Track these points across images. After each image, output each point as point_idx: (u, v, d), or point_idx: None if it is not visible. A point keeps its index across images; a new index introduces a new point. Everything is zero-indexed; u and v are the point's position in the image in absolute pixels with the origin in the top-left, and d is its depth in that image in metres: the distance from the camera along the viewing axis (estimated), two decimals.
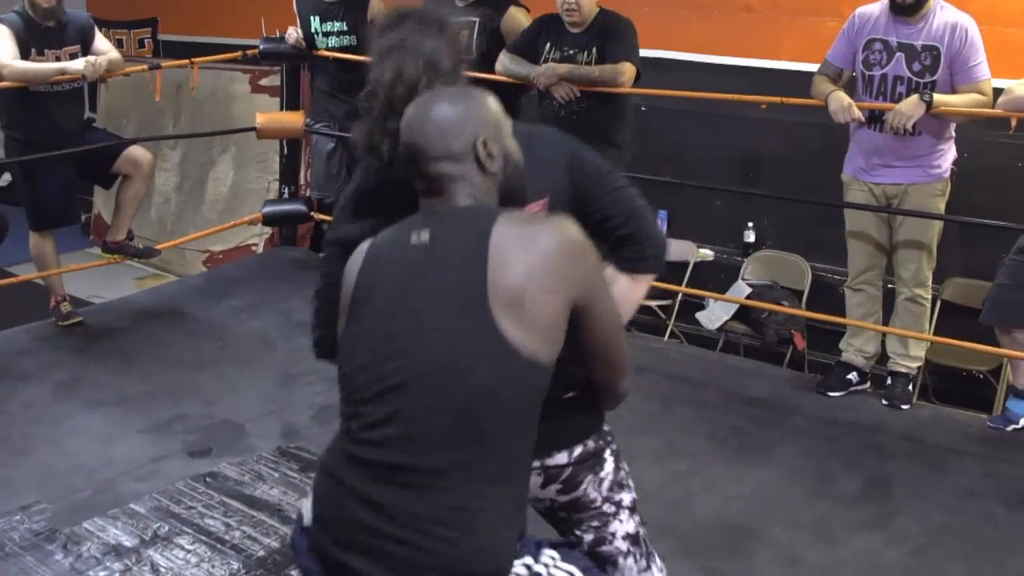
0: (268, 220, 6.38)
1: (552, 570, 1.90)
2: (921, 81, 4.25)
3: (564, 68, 4.82)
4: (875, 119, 4.37)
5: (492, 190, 1.98)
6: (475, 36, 5.26)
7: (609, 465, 2.32)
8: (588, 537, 2.32)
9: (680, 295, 6.37)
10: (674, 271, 6.63)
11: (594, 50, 4.83)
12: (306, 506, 1.99)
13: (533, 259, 1.81)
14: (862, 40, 4.38)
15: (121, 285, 7.77)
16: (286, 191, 6.72)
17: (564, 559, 1.94)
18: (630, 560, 2.34)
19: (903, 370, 4.58)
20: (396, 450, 1.80)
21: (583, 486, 2.28)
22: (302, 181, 7.25)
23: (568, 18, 4.85)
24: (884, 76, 4.33)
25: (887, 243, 4.54)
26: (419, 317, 1.84)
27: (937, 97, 4.17)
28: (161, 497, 3.71)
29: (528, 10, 5.30)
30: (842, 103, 4.31)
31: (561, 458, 2.24)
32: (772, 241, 6.53)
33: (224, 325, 5.47)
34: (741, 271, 6.41)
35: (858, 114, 4.30)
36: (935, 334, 4.93)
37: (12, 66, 4.84)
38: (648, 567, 2.38)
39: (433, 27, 2.19)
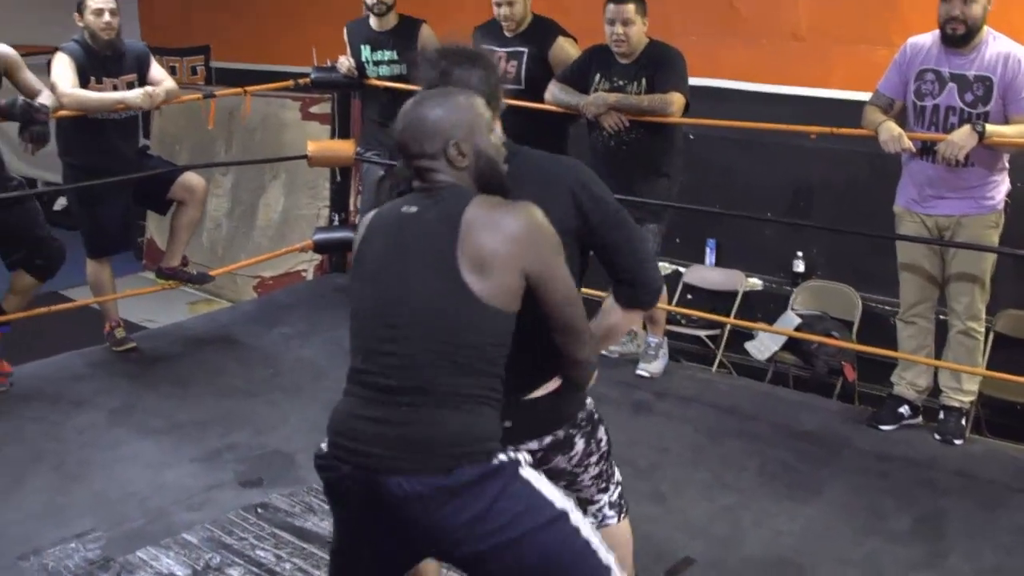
0: (319, 247, 6.41)
1: (527, 466, 2.22)
2: (973, 112, 4.21)
3: (613, 97, 4.84)
4: (927, 150, 4.34)
5: (466, 179, 2.36)
6: (523, 66, 5.30)
7: (579, 446, 2.70)
8: (561, 483, 2.68)
9: (729, 325, 6.34)
10: (723, 300, 6.61)
11: (643, 81, 4.84)
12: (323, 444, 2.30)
13: (497, 235, 2.21)
14: (914, 70, 4.36)
15: (173, 309, 7.87)
16: (336, 218, 6.77)
17: (532, 466, 2.25)
18: (593, 488, 2.81)
19: (956, 404, 4.53)
20: (396, 376, 2.20)
21: (554, 462, 2.67)
22: (352, 208, 7.31)
23: (617, 49, 4.87)
24: (936, 107, 4.30)
25: (940, 275, 4.49)
26: (406, 272, 2.26)
27: (990, 128, 4.13)
28: (213, 527, 3.74)
29: (576, 40, 5.32)
30: (892, 133, 4.28)
31: (532, 445, 2.60)
32: (822, 271, 6.48)
33: (275, 353, 5.53)
34: (790, 301, 6.37)
35: (908, 144, 4.27)
36: (988, 367, 4.86)
37: (72, 95, 4.93)
38: (607, 487, 2.85)
39: (471, 60, 2.55)
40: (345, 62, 5.89)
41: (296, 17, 8.93)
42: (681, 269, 6.83)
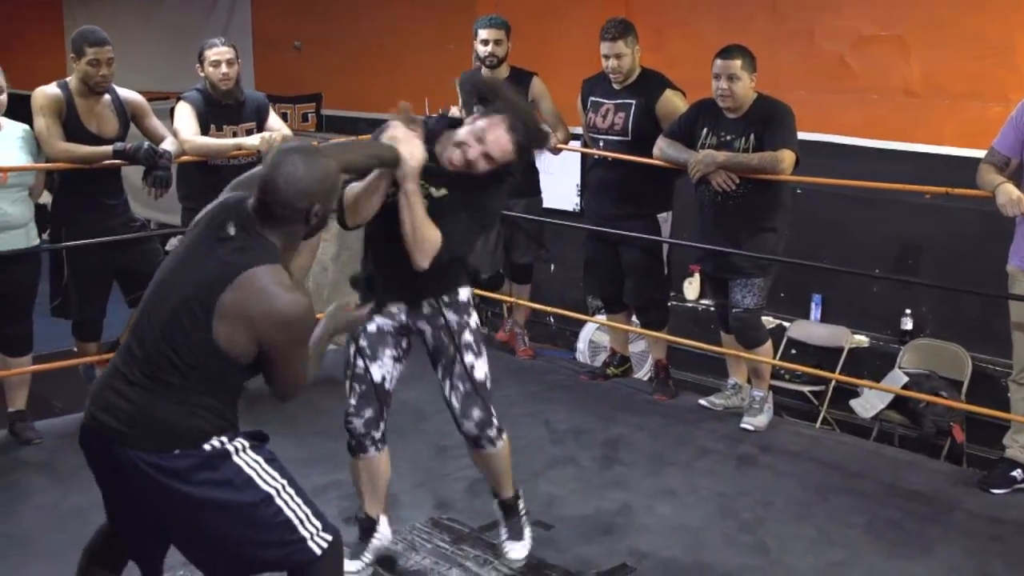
0: None
1: (244, 453, 2.65)
2: None
3: (722, 156, 4.81)
4: None
5: (299, 234, 2.67)
6: (631, 118, 5.33)
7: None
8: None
9: (834, 381, 6.27)
10: (828, 356, 6.53)
11: (752, 136, 4.82)
12: None
13: (252, 306, 2.53)
14: None
15: None
16: None
17: (254, 449, 2.69)
18: None
19: None
20: (140, 359, 2.59)
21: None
22: None
23: (722, 104, 4.87)
24: None
25: None
26: (181, 280, 2.62)
27: None
28: None
29: (684, 94, 5.33)
30: (1011, 196, 4.18)
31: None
32: (931, 329, 6.38)
33: None
34: (898, 359, 6.28)
35: None
36: None
37: (192, 141, 5.12)
38: None
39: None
40: (456, 112, 5.98)
41: (405, 67, 9.12)
42: (786, 324, 6.78)
